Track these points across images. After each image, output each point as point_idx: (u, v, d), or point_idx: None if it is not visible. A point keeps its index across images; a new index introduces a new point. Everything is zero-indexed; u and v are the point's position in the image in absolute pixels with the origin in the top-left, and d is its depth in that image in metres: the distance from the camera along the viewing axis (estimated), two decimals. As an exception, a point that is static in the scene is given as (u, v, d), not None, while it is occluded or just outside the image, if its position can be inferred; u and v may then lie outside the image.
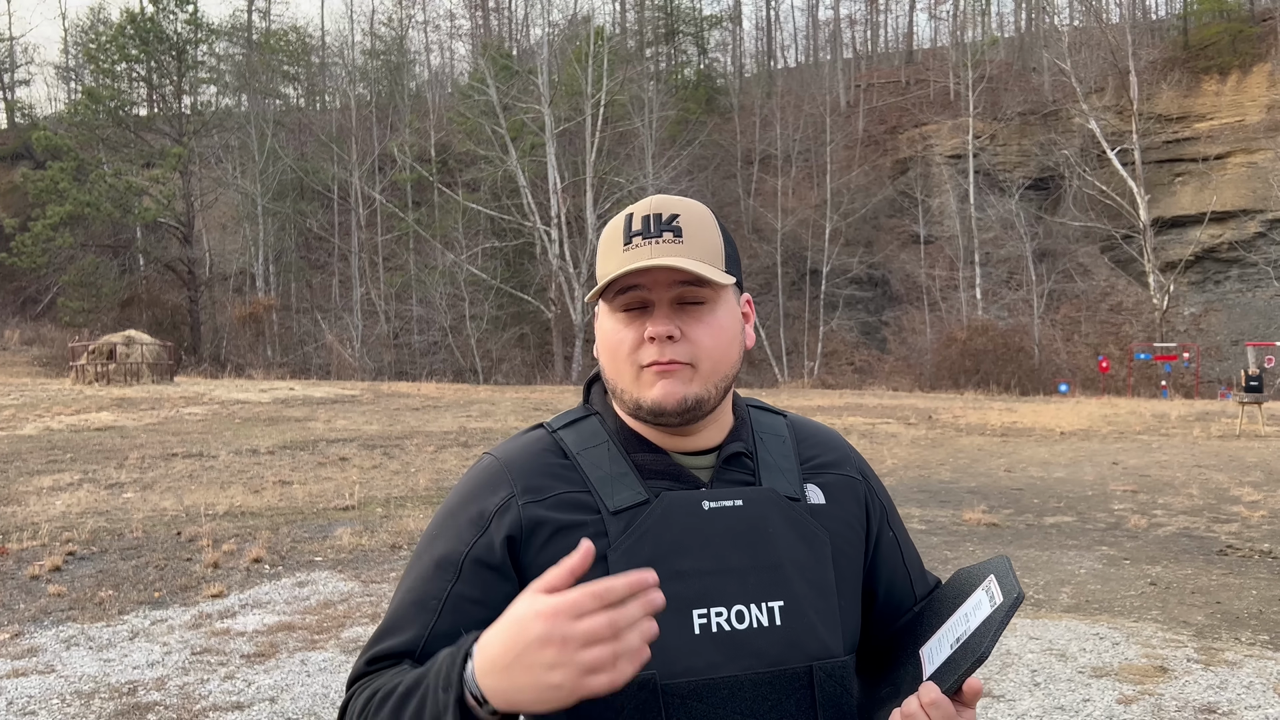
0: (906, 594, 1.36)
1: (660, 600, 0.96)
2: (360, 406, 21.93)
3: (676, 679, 1.13)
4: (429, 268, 42.84)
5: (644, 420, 1.22)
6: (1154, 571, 7.40)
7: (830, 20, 66.52)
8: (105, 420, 18.15)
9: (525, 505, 1.19)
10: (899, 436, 17.34)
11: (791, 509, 1.23)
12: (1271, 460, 13.93)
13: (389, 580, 7.18)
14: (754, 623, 1.16)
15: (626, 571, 0.96)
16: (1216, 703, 4.63)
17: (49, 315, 43.82)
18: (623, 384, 1.21)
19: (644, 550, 1.16)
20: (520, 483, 1.21)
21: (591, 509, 1.19)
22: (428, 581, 1.19)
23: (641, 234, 1.19)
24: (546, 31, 43.64)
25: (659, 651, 1.11)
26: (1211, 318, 40.29)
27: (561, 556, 1.14)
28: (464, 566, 1.18)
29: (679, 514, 1.18)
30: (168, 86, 47.05)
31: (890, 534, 1.36)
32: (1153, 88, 42.42)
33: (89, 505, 10.11)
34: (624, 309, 1.20)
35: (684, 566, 1.16)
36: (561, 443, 1.25)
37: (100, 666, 5.28)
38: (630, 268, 1.15)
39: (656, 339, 1.17)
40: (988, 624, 1.13)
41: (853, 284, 43.20)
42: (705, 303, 1.19)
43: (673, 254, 1.17)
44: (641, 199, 1.28)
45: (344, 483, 11.69)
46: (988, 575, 1.22)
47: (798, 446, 1.31)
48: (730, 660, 1.14)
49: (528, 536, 1.18)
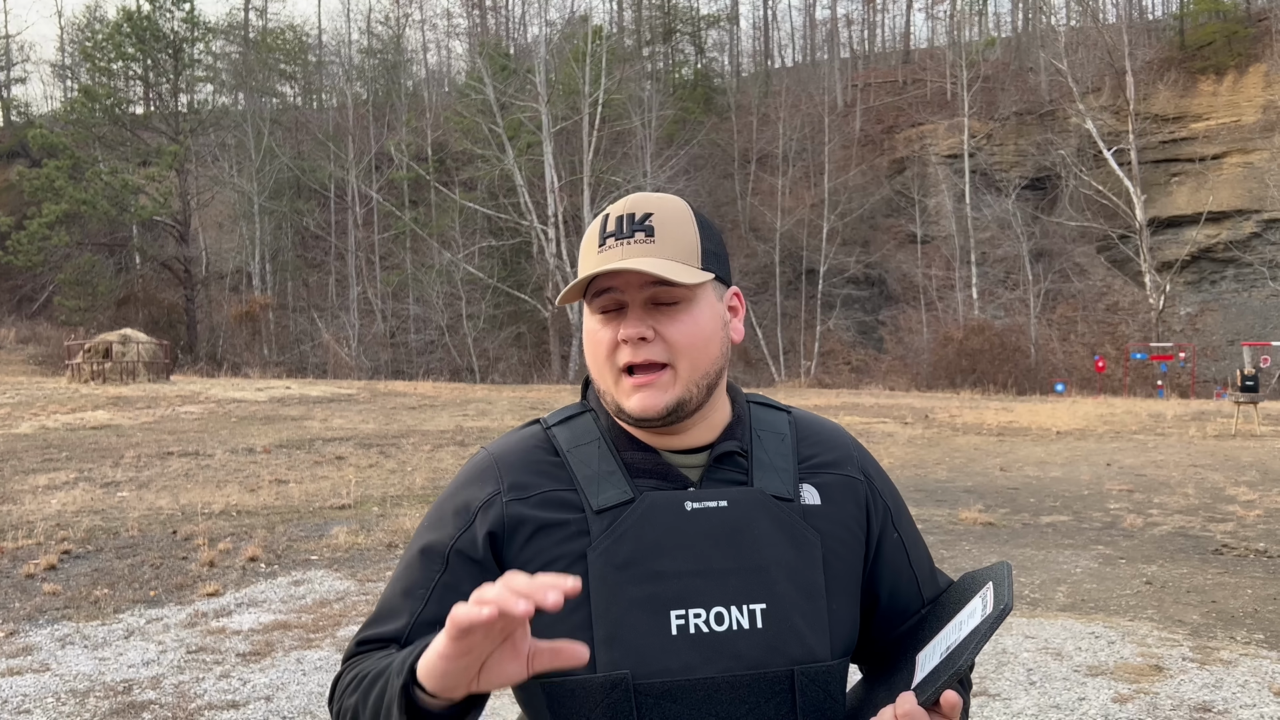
0: (913, 597, 1.32)
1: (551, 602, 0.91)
2: (357, 405, 21.91)
3: (651, 679, 1.12)
4: (426, 266, 42.81)
5: (627, 424, 1.22)
6: (1149, 571, 7.42)
7: (827, 20, 66.45)
8: (101, 419, 18.12)
9: (509, 502, 1.20)
10: (895, 436, 17.35)
11: (781, 510, 1.21)
12: (1267, 460, 13.95)
13: (385, 579, 7.17)
14: (734, 625, 1.15)
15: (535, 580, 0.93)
16: (1212, 701, 4.64)
17: (45, 314, 43.75)
18: (605, 386, 1.22)
19: (623, 550, 1.16)
20: (507, 479, 1.22)
21: (575, 507, 1.19)
22: (416, 571, 1.22)
23: (614, 235, 1.20)
24: (544, 30, 43.64)
25: (634, 651, 1.12)
26: (1207, 318, 40.35)
27: (542, 553, 1.17)
28: (449, 558, 1.20)
29: (660, 514, 1.18)
30: (164, 85, 46.97)
31: (895, 535, 1.32)
32: (1149, 88, 42.46)
33: (84, 504, 10.10)
34: (601, 310, 1.20)
35: (663, 567, 1.16)
36: (554, 439, 1.25)
37: (95, 665, 5.27)
38: (597, 271, 1.16)
39: (629, 341, 1.17)
40: (973, 634, 1.12)
41: (850, 283, 43.21)
42: (679, 302, 1.19)
43: (643, 254, 1.17)
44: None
45: (340, 481, 11.68)
46: (986, 582, 1.20)
47: (798, 445, 1.29)
48: (707, 662, 1.13)
49: (510, 534, 1.19)
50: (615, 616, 1.14)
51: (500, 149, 40.30)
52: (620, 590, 1.15)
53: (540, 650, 0.97)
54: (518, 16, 61.14)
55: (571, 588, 0.91)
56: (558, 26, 46.78)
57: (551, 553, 1.17)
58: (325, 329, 42.64)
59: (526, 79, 41.42)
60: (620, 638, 1.13)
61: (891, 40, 64.95)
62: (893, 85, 52.42)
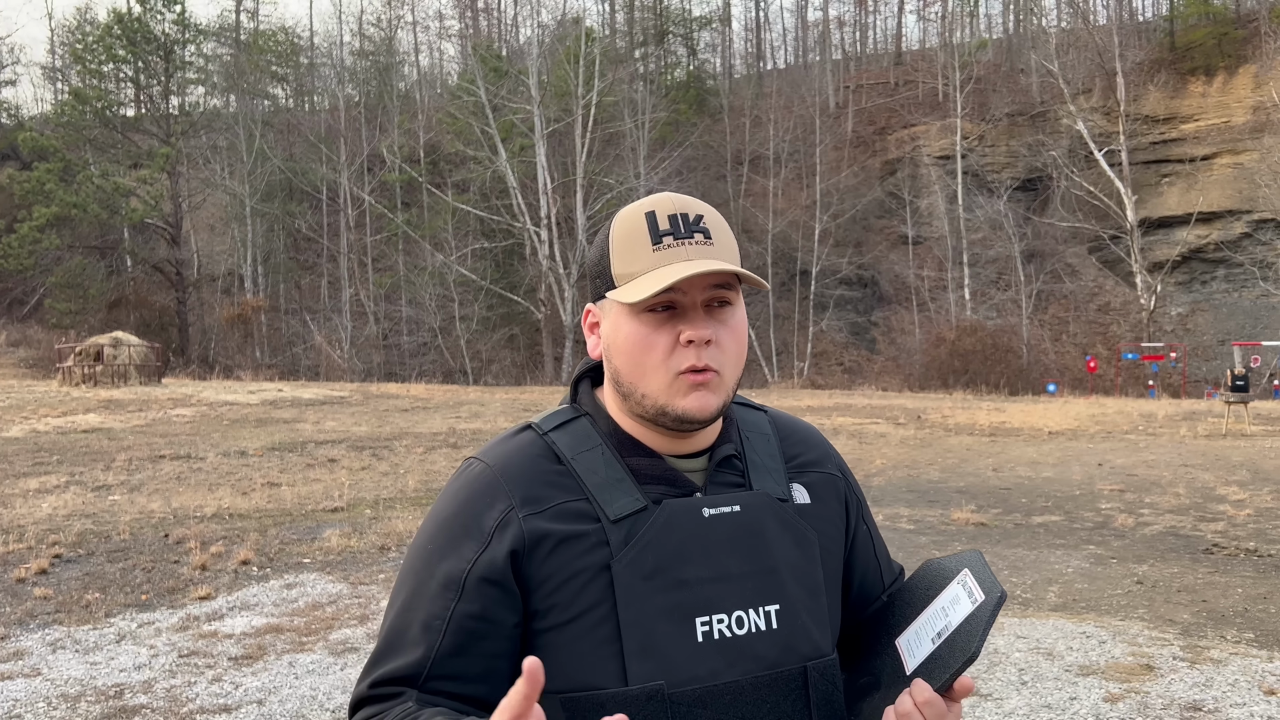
0: (877, 583, 1.39)
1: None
2: (349, 408, 21.88)
3: (683, 687, 1.14)
4: (418, 268, 42.75)
5: (660, 425, 1.19)
6: (1141, 570, 7.44)
7: (819, 21, 66.46)
8: (92, 422, 18.06)
9: (526, 518, 1.16)
10: (888, 436, 17.38)
11: (783, 511, 1.24)
12: (1257, 459, 14.01)
13: (378, 582, 7.16)
14: (752, 627, 1.18)
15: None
16: (1202, 700, 4.66)
17: (36, 317, 43.58)
18: (648, 389, 1.17)
19: (648, 560, 1.16)
20: (518, 493, 1.17)
21: (592, 518, 1.17)
22: (430, 600, 1.17)
23: (672, 234, 1.16)
24: (536, 32, 43.65)
25: (665, 661, 1.13)
26: (1198, 318, 40.50)
27: (565, 567, 1.15)
28: (466, 584, 1.15)
29: (681, 522, 1.18)
30: (155, 87, 46.81)
31: (864, 527, 1.38)
32: (1139, 89, 42.62)
33: (76, 508, 10.06)
34: (649, 310, 1.16)
35: (687, 575, 1.17)
36: (554, 446, 1.22)
37: (87, 669, 5.26)
38: (696, 271, 1.11)
39: (696, 342, 1.15)
40: (974, 622, 1.14)
41: (842, 284, 43.27)
42: (732, 305, 1.19)
43: (707, 256, 1.16)
44: (632, 200, 1.27)
45: (333, 484, 11.66)
46: (962, 569, 1.22)
47: (781, 444, 1.32)
48: (731, 666, 1.16)
49: (531, 550, 1.15)
50: (646, 627, 1.14)
51: (493, 151, 40.27)
52: (648, 600, 1.15)
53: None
54: (510, 18, 61.18)
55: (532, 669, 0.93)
56: (550, 28, 46.83)
57: (574, 566, 1.15)
58: (317, 331, 42.55)
59: (519, 81, 41.41)
60: (652, 648, 1.14)
61: (883, 42, 65.14)
62: (885, 87, 52.53)
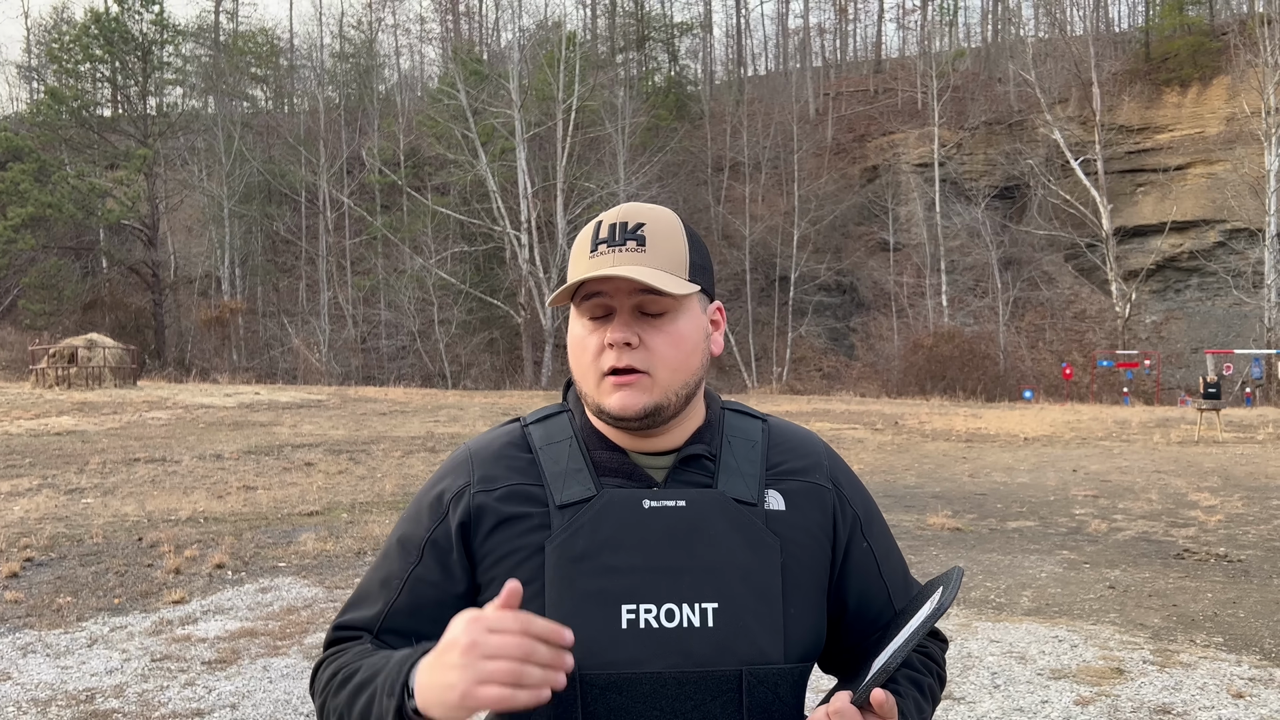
0: (884, 606, 1.34)
1: (569, 664, 1.02)
2: (327, 411, 21.76)
3: (597, 670, 1.15)
4: (398, 272, 42.56)
5: (606, 422, 1.25)
6: (1113, 575, 7.52)
7: (800, 29, 66.84)
8: (66, 424, 17.88)
9: (476, 494, 1.25)
10: (865, 442, 17.47)
11: (740, 513, 1.23)
12: (1229, 466, 14.17)
13: (353, 586, 7.12)
14: (684, 622, 1.18)
15: (552, 623, 1.02)
16: (1171, 704, 4.71)
17: (9, 318, 43.07)
18: (585, 387, 1.25)
19: (578, 544, 1.19)
20: (478, 472, 1.27)
21: (539, 501, 1.23)
22: (393, 561, 1.29)
23: (607, 241, 1.22)
24: (517, 36, 43.59)
25: (583, 643, 1.14)
26: (1172, 325, 40.92)
27: (504, 544, 1.22)
28: (424, 549, 1.26)
29: (617, 510, 1.21)
30: (132, 87, 46.42)
31: (865, 544, 1.33)
32: (1115, 99, 43.06)
33: (48, 511, 9.96)
34: (589, 315, 1.24)
35: (616, 562, 1.19)
36: (529, 437, 1.30)
37: (58, 674, 5.21)
38: (588, 275, 1.19)
39: (615, 345, 1.20)
40: (909, 638, 1.14)
41: (821, 290, 43.45)
42: (666, 312, 1.22)
43: (634, 263, 1.20)
44: (613, 205, 1.31)
45: (309, 488, 11.60)
46: (939, 587, 1.23)
47: (769, 451, 1.31)
48: (655, 657, 1.16)
49: (475, 524, 1.24)
50: (567, 608, 1.17)
51: (473, 154, 40.18)
52: (573, 583, 1.18)
53: None
54: (491, 22, 61.06)
55: (509, 594, 1.02)
56: (531, 32, 46.75)
57: (512, 544, 1.21)
58: (295, 334, 42.29)
59: (500, 84, 41.34)
60: (570, 628, 1.15)
61: (863, 50, 65.47)
62: (864, 94, 52.82)
